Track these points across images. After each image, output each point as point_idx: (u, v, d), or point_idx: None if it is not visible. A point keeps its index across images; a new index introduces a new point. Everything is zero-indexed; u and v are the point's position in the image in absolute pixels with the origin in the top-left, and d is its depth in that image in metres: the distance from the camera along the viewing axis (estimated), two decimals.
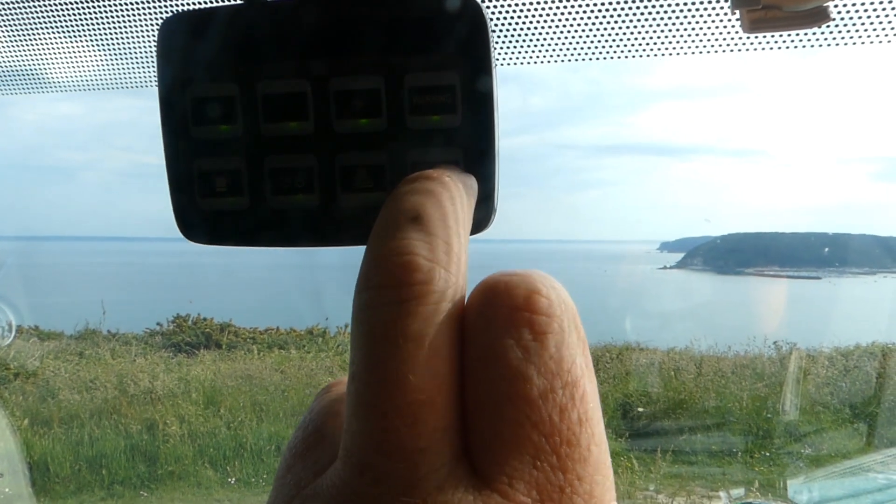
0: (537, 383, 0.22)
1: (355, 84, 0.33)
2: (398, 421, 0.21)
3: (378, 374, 0.22)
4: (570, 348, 0.23)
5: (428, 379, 0.22)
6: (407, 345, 0.22)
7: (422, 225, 0.24)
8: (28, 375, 5.32)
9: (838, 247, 10.40)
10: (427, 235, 0.24)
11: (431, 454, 0.22)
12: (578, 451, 0.22)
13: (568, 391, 0.22)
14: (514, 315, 0.23)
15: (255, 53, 0.33)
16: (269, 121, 0.33)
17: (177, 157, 0.34)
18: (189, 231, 0.35)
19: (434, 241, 0.24)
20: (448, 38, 0.33)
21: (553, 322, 0.23)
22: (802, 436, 4.47)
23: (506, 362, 0.22)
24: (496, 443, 0.22)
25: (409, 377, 0.22)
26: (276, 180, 0.33)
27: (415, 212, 0.25)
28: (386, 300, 0.22)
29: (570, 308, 0.24)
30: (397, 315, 0.22)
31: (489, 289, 0.24)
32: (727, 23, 0.93)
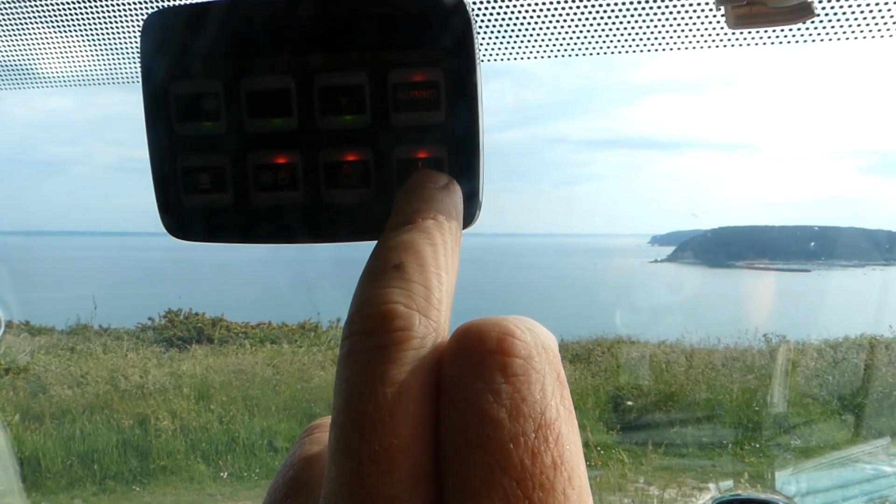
0: (508, 427, 0.21)
1: (339, 80, 0.33)
2: (372, 467, 0.21)
3: (355, 419, 0.22)
4: (545, 390, 0.22)
5: (403, 424, 0.22)
6: (383, 390, 0.22)
7: (403, 273, 0.25)
8: (19, 371, 5.29)
9: (827, 240, 10.43)
10: (407, 283, 0.24)
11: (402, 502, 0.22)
12: (553, 496, 0.21)
13: (541, 434, 0.22)
14: (486, 359, 0.22)
15: (240, 50, 0.33)
16: (253, 117, 0.33)
17: (161, 153, 0.34)
18: (173, 228, 0.35)
19: (413, 289, 0.24)
20: (432, 34, 0.33)
21: (527, 365, 0.22)
22: (791, 427, 4.50)
23: (476, 407, 0.22)
24: (467, 489, 0.21)
25: (385, 422, 0.22)
26: (260, 177, 0.34)
27: (397, 260, 0.25)
28: (366, 346, 0.23)
29: (548, 350, 0.24)
30: (376, 361, 0.23)
31: (463, 333, 0.23)
32: (713, 18, 0.93)
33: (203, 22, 0.33)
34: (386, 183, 0.34)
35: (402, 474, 0.22)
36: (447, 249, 0.27)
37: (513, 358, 0.22)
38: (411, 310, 0.24)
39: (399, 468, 0.22)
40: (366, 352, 0.23)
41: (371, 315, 0.23)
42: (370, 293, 0.24)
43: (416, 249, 0.26)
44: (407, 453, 0.22)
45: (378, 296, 0.24)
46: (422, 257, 0.26)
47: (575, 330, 6.74)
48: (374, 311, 0.24)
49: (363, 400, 0.22)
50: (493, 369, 0.22)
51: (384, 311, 0.23)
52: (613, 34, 0.98)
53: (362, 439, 0.22)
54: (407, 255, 0.26)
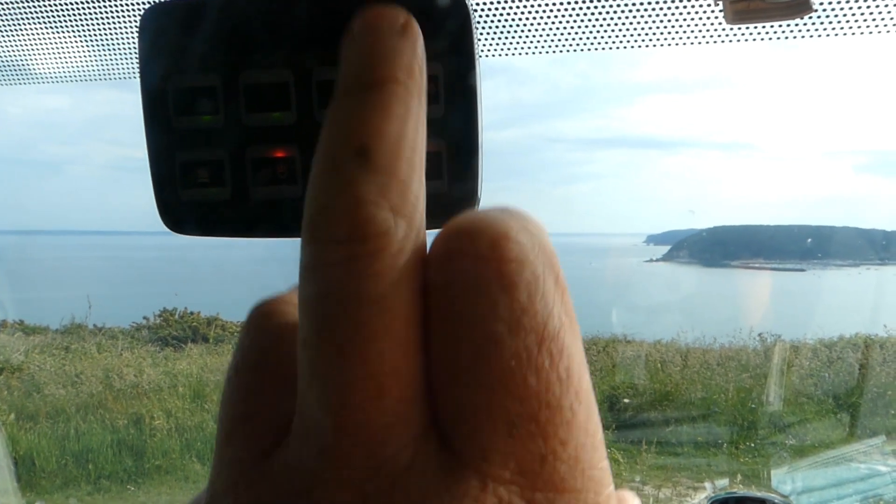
0: (508, 343, 0.19)
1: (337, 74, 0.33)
2: (360, 395, 0.19)
3: (334, 341, 0.19)
4: (546, 298, 0.20)
5: (390, 345, 0.19)
6: (364, 308, 0.19)
7: (369, 160, 0.20)
8: (13, 370, 5.28)
9: (823, 239, 10.46)
10: (378, 175, 0.20)
11: (398, 429, 0.19)
12: (560, 413, 0.19)
13: (545, 348, 0.19)
14: (479, 266, 0.19)
15: (238, 43, 0.33)
16: (252, 111, 0.33)
17: (158, 148, 0.34)
18: (171, 222, 0.35)
19: (387, 183, 0.20)
20: (431, 28, 0.31)
21: (524, 270, 0.19)
22: (786, 426, 4.51)
23: (471, 321, 0.19)
24: (466, 413, 0.19)
25: (369, 344, 0.19)
26: (259, 171, 0.33)
27: (359, 143, 0.21)
28: (337, 257, 0.19)
29: (545, 250, 0.21)
30: (351, 274, 0.19)
31: (452, 236, 0.21)
32: (711, 14, 0.93)
33: (201, 15, 0.33)
34: None
35: (394, 400, 0.19)
36: (416, 120, 0.23)
37: (509, 264, 0.19)
38: (385, 210, 0.20)
39: (389, 393, 0.19)
40: (338, 264, 0.19)
41: (340, 218, 0.20)
42: (334, 188, 0.20)
43: (381, 126, 0.21)
44: (397, 377, 0.19)
45: (345, 194, 0.20)
46: (389, 136, 0.21)
47: None
48: (342, 212, 0.20)
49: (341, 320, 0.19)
50: (487, 279, 0.19)
51: (356, 215, 0.19)
52: (612, 30, 0.98)
53: (344, 365, 0.19)
54: (371, 135, 0.21)
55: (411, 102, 0.23)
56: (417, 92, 0.23)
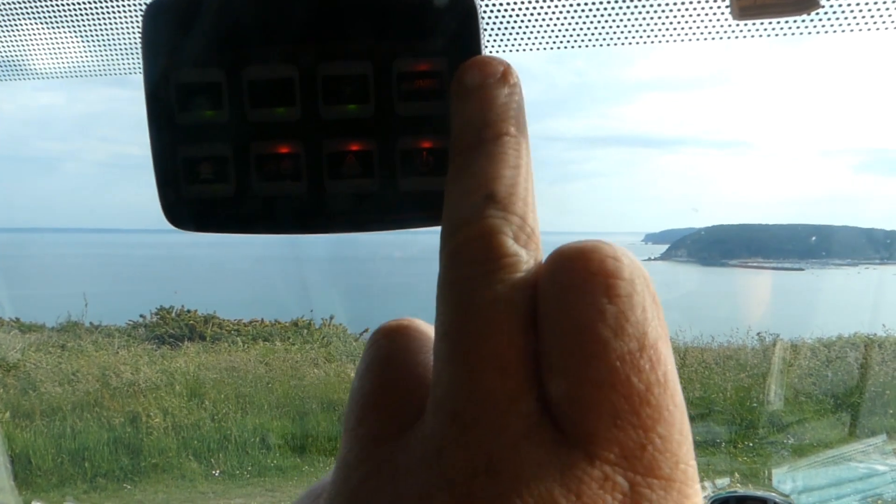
0: (615, 346, 0.22)
1: (343, 69, 0.32)
2: (489, 371, 0.23)
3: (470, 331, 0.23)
4: (646, 311, 0.23)
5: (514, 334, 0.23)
6: (495, 305, 0.23)
7: (496, 203, 0.25)
8: (9, 368, 5.29)
9: (821, 238, 10.50)
10: (505, 213, 0.25)
11: (519, 402, 0.22)
12: (658, 411, 0.22)
13: (646, 354, 0.22)
14: (590, 279, 0.23)
15: (242, 38, 0.33)
16: (256, 106, 0.33)
17: (162, 144, 0.34)
18: (175, 218, 0.35)
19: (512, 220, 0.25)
20: (437, 23, 0.32)
21: (628, 286, 0.23)
22: (786, 426, 4.52)
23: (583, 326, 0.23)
24: (576, 403, 0.22)
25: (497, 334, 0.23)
26: (262, 167, 0.33)
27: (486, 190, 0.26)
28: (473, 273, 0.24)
29: (643, 273, 0.24)
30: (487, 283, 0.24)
31: (563, 256, 0.24)
32: (717, 10, 0.93)
33: (204, 11, 0.33)
34: (389, 173, 0.33)
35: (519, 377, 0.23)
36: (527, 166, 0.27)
37: (616, 280, 0.23)
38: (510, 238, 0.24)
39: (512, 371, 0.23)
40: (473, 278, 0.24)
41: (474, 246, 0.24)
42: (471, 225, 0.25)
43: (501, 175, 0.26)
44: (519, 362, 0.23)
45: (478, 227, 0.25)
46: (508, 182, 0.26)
47: None
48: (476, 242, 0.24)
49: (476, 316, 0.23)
50: (597, 290, 0.23)
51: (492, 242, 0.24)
52: (615, 24, 0.97)
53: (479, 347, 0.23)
54: (494, 183, 0.26)
55: (522, 151, 0.28)
56: (526, 141, 0.28)
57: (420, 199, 0.33)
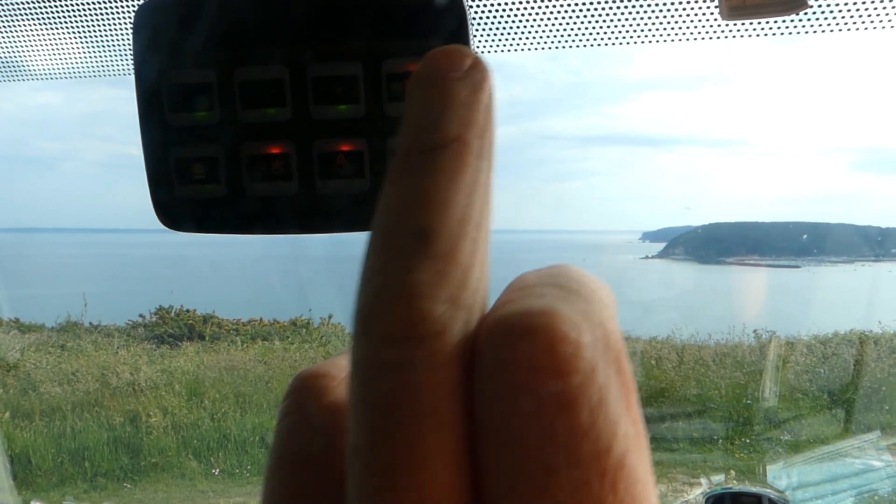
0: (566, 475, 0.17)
1: (333, 70, 0.33)
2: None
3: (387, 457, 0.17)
4: (610, 415, 0.17)
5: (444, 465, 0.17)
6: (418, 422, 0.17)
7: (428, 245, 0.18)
8: (9, 368, 5.27)
9: (818, 236, 10.49)
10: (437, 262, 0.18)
11: None
12: None
13: (608, 479, 0.17)
14: (535, 381, 0.17)
15: (233, 39, 0.33)
16: (247, 107, 0.33)
17: (154, 144, 0.34)
18: (167, 219, 0.35)
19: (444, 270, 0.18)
20: (427, 24, 0.32)
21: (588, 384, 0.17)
22: (781, 422, 4.52)
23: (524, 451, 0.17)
24: None
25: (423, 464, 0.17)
26: (254, 167, 0.33)
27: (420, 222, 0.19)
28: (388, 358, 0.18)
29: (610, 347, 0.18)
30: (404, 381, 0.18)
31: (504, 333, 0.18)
32: (706, 10, 0.93)
33: (196, 12, 0.33)
34: (380, 173, 0.33)
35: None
36: (480, 188, 0.20)
37: (569, 379, 0.17)
38: (443, 303, 0.18)
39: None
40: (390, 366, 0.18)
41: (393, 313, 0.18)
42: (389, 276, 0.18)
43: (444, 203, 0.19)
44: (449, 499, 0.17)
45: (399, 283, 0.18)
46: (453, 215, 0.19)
47: None
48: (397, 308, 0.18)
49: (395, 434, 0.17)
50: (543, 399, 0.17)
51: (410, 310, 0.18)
52: (606, 25, 0.98)
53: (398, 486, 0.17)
54: (431, 214, 0.19)
55: (481, 169, 0.20)
56: (486, 154, 0.21)
57: None
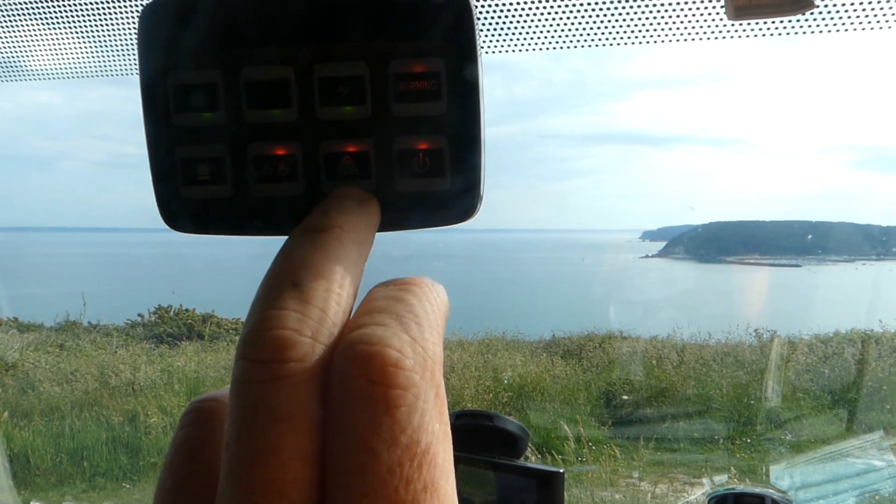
0: (385, 458, 0.23)
1: (339, 71, 0.32)
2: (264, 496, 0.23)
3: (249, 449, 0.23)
4: (423, 417, 0.24)
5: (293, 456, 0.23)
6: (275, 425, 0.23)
7: (300, 293, 0.25)
8: (7, 368, 5.28)
9: (818, 235, 10.53)
10: (304, 305, 0.24)
11: None
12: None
13: (416, 462, 0.23)
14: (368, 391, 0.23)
15: (239, 39, 0.33)
16: (252, 108, 0.32)
17: (159, 144, 0.33)
18: (172, 220, 0.34)
19: (309, 312, 0.24)
20: (433, 24, 0.32)
21: (408, 394, 0.23)
22: (783, 422, 4.53)
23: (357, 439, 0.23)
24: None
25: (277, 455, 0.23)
26: (259, 168, 0.33)
27: (295, 277, 0.25)
28: (257, 376, 0.23)
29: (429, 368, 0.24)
30: (267, 394, 0.23)
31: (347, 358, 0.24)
32: (712, 10, 0.93)
33: (201, 12, 0.32)
34: (387, 174, 0.33)
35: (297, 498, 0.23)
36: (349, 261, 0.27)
37: (394, 390, 0.23)
38: (305, 336, 0.24)
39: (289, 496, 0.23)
40: (258, 382, 0.23)
41: (264, 341, 0.24)
42: (265, 314, 0.24)
43: (316, 266, 0.26)
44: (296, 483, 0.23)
45: (272, 319, 0.24)
46: (321, 275, 0.26)
47: (566, 325, 6.77)
48: (267, 336, 0.24)
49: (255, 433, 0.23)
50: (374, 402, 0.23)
51: (278, 339, 0.24)
52: (611, 24, 0.97)
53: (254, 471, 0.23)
54: (306, 272, 0.26)
55: (351, 248, 0.28)
56: (359, 242, 0.29)
57: (417, 199, 0.33)
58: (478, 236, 45.04)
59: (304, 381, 0.23)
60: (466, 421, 1.03)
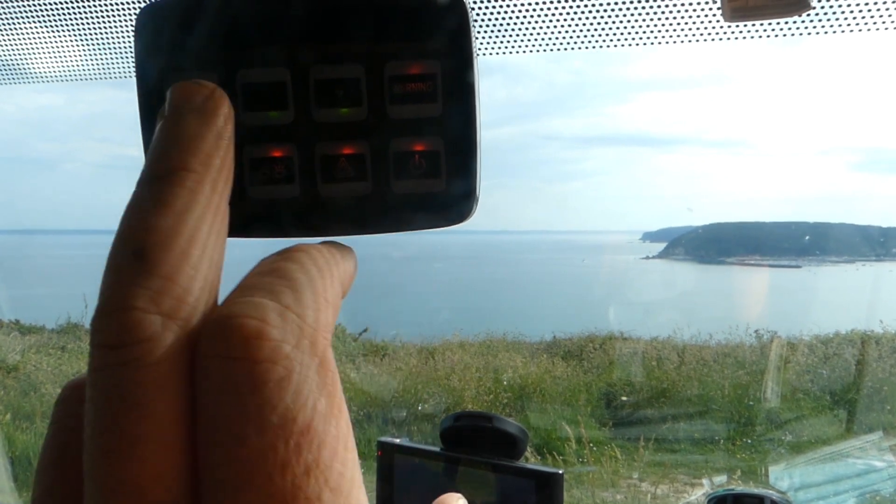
0: (255, 443, 0.20)
1: (335, 73, 0.32)
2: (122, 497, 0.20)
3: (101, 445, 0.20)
4: (299, 391, 0.21)
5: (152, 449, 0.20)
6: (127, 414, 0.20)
7: (143, 262, 0.21)
8: (9, 370, 5.28)
9: (818, 236, 10.53)
10: (152, 279, 0.21)
11: None
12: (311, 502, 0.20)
13: (293, 442, 0.20)
14: (232, 368, 0.20)
15: (235, 42, 0.33)
16: (249, 110, 0.33)
17: None
18: None
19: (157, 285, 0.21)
20: (429, 26, 0.32)
21: (277, 367, 0.20)
22: (783, 423, 4.52)
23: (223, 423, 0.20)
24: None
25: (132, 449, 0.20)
26: (255, 170, 0.33)
27: (136, 243, 0.21)
28: (107, 362, 0.20)
29: (311, 339, 0.22)
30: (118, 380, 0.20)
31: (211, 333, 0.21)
32: (709, 11, 0.93)
33: (198, 14, 0.33)
34: (383, 176, 0.33)
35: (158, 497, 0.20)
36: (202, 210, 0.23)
37: (260, 364, 0.20)
38: (154, 315, 0.20)
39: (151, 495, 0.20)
40: (106, 369, 0.20)
41: (109, 324, 0.20)
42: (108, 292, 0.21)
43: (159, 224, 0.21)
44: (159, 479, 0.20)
45: (116, 298, 0.21)
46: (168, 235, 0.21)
47: (567, 326, 6.76)
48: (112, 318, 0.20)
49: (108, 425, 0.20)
50: (238, 380, 0.20)
51: (123, 321, 0.20)
52: (609, 27, 0.97)
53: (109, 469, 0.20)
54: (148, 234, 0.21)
55: (202, 191, 0.23)
56: (212, 179, 0.24)
57: (414, 201, 0.33)
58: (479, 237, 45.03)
59: (157, 363, 0.20)
60: (466, 422, 1.03)
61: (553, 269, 22.15)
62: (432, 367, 5.46)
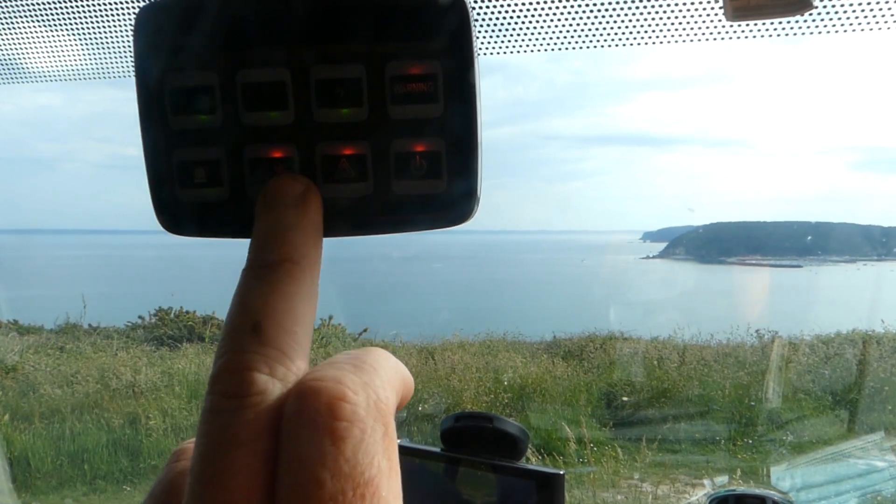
0: (329, 486, 0.24)
1: (336, 73, 0.32)
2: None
3: (209, 472, 0.25)
4: (369, 450, 0.25)
5: (248, 478, 0.25)
6: (235, 449, 0.25)
7: (259, 336, 0.27)
8: (8, 370, 5.28)
9: (819, 236, 10.54)
10: (266, 348, 0.27)
11: None
12: None
13: (359, 492, 0.24)
14: (317, 422, 0.25)
15: (235, 42, 0.32)
16: (249, 110, 0.32)
17: (155, 147, 0.33)
18: (168, 223, 0.34)
19: (270, 354, 0.27)
20: (430, 27, 0.32)
21: (354, 428, 0.25)
22: (784, 423, 4.52)
23: (304, 468, 0.25)
24: None
25: (233, 479, 0.25)
26: (256, 171, 0.33)
27: (254, 319, 0.28)
28: (224, 407, 0.26)
29: (380, 410, 0.26)
30: (231, 422, 0.26)
31: (299, 394, 0.26)
32: (710, 11, 0.93)
33: (198, 14, 0.32)
34: (384, 177, 0.33)
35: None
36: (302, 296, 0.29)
37: (340, 422, 0.25)
38: (265, 374, 0.26)
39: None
40: (224, 412, 0.26)
41: (232, 380, 0.26)
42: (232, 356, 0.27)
43: (273, 306, 0.28)
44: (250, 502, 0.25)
45: (238, 360, 0.27)
46: (279, 314, 0.28)
47: (567, 326, 6.77)
48: (234, 376, 0.26)
49: (215, 457, 0.25)
50: (321, 433, 0.25)
51: (244, 378, 0.26)
52: (609, 27, 0.97)
53: (211, 493, 0.25)
54: (264, 313, 0.28)
55: (303, 280, 0.29)
56: (310, 269, 0.30)
57: (414, 202, 0.33)
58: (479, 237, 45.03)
59: (262, 412, 0.26)
60: (466, 423, 1.02)
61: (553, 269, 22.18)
62: (432, 367, 5.46)
